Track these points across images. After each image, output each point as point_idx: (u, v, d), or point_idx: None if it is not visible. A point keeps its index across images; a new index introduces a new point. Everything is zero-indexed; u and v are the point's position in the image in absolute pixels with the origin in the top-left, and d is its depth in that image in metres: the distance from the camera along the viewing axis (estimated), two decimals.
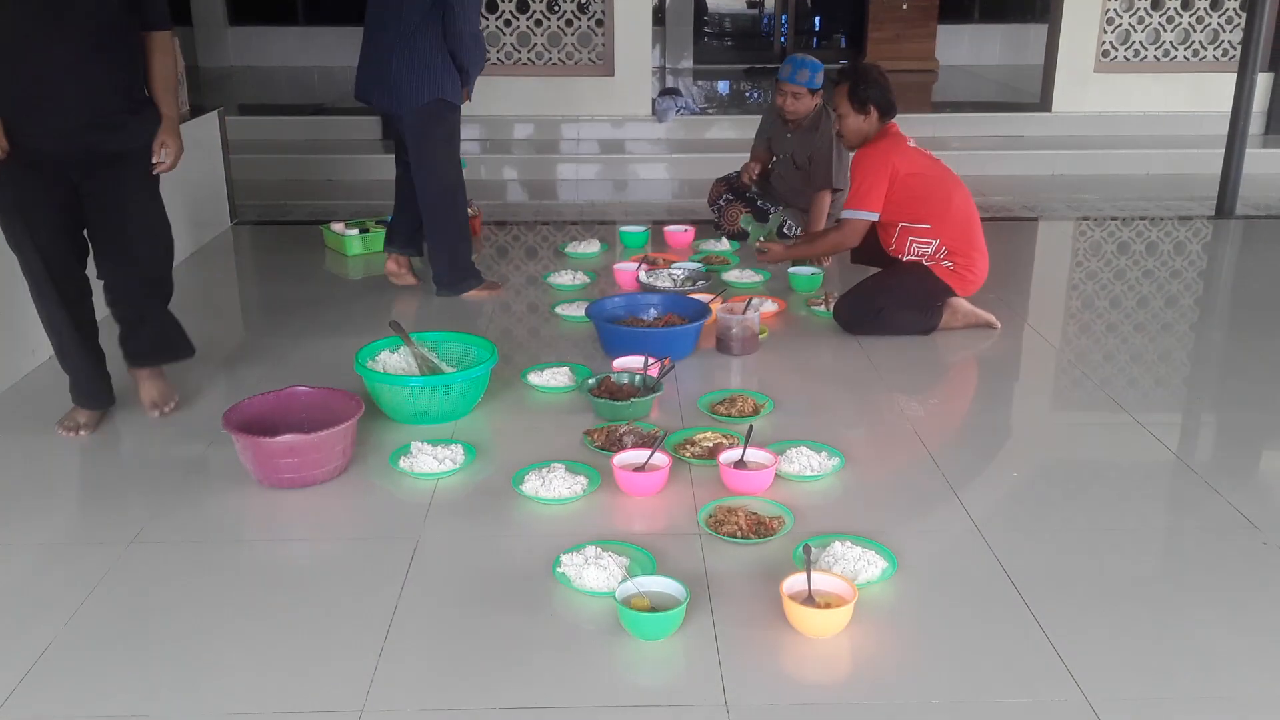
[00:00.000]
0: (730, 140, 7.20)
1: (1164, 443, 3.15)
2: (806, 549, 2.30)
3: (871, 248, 4.10)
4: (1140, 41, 8.15)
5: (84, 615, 2.26)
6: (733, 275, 4.55)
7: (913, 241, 3.97)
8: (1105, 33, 8.07)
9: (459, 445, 2.96)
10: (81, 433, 3.12)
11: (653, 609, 2.19)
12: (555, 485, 2.73)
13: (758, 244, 4.39)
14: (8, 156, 2.79)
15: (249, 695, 2.03)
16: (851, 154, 4.21)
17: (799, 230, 4.95)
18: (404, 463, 2.90)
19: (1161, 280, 4.95)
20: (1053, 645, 2.16)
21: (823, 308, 4.15)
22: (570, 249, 5.09)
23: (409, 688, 2.05)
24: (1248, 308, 4.66)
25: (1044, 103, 8.18)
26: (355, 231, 5.11)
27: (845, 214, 4.02)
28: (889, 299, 3.94)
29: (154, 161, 3.04)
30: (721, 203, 5.31)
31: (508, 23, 7.89)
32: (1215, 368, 3.96)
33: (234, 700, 2.01)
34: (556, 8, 7.91)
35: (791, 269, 4.47)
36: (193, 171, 5.24)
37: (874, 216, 3.95)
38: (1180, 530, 2.73)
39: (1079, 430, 3.35)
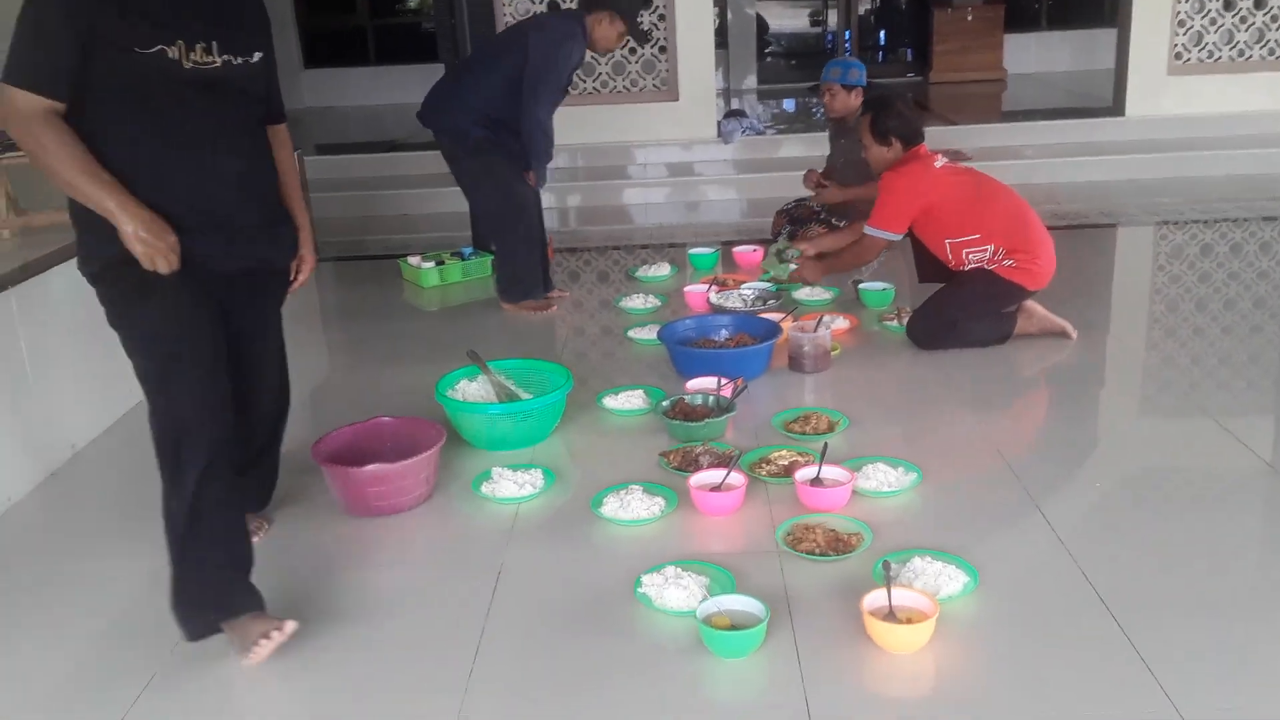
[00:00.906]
0: (797, 159, 7.19)
1: (1255, 450, 3.07)
2: (886, 564, 2.31)
3: (935, 265, 4.08)
4: (1214, 42, 7.98)
5: (185, 645, 2.35)
6: (803, 293, 4.56)
7: (968, 252, 3.96)
8: (1177, 35, 7.92)
9: (538, 470, 3.02)
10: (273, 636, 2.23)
11: (733, 627, 2.21)
12: (633, 506, 2.77)
13: (791, 259, 4.62)
14: (170, 278, 2.22)
15: (343, 717, 2.10)
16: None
17: None
18: (486, 488, 2.96)
19: (1248, 281, 4.83)
20: (1142, 659, 2.13)
21: (895, 322, 4.14)
22: (641, 273, 5.14)
23: (498, 709, 2.09)
24: None
25: (1117, 107, 8.05)
26: (431, 264, 5.23)
27: (867, 230, 4.07)
28: (961, 310, 3.92)
29: (291, 279, 2.58)
30: (783, 233, 5.38)
31: None
32: None
33: (309, 710, 2.09)
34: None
35: (862, 285, 4.47)
36: None
37: (895, 237, 4.04)
38: (1273, 540, 2.67)
39: (1165, 438, 3.28)
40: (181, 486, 2.22)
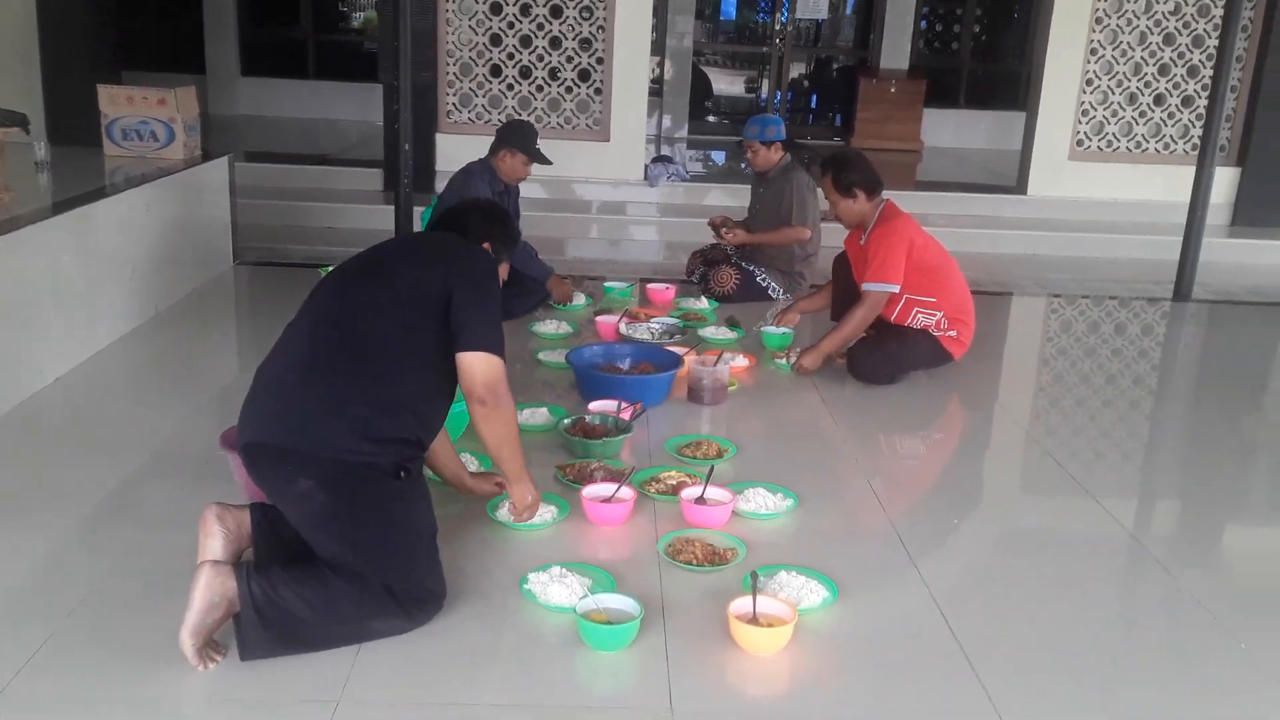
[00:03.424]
0: (719, 207, 7.46)
1: (1119, 520, 3.25)
2: (754, 575, 2.50)
3: (846, 303, 4.37)
4: (1114, 133, 8.52)
5: (98, 599, 2.44)
6: (709, 331, 4.79)
7: (917, 312, 4.26)
8: (1080, 123, 8.44)
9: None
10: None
11: (609, 623, 2.38)
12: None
13: (790, 362, 4.36)
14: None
15: (234, 684, 2.21)
16: (813, 196, 4.98)
17: (775, 287, 5.31)
18: None
19: (1130, 359, 5.20)
20: (975, 673, 2.35)
21: (784, 360, 4.38)
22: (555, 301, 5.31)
23: (382, 684, 2.23)
24: (1197, 384, 4.92)
25: (1020, 186, 8.52)
26: None
27: (868, 287, 4.23)
28: (903, 365, 4.30)
29: None
30: (695, 278, 5.73)
31: (510, 86, 8.23)
32: (1147, 442, 4.18)
33: (220, 687, 2.20)
34: (558, 75, 8.25)
35: (764, 328, 4.70)
36: (199, 212, 5.49)
37: (894, 288, 4.21)
38: (1116, 599, 2.89)
39: (1034, 499, 3.56)
40: (398, 617, 2.38)
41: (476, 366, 2.51)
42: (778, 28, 12.35)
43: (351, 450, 2.36)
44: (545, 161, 5.03)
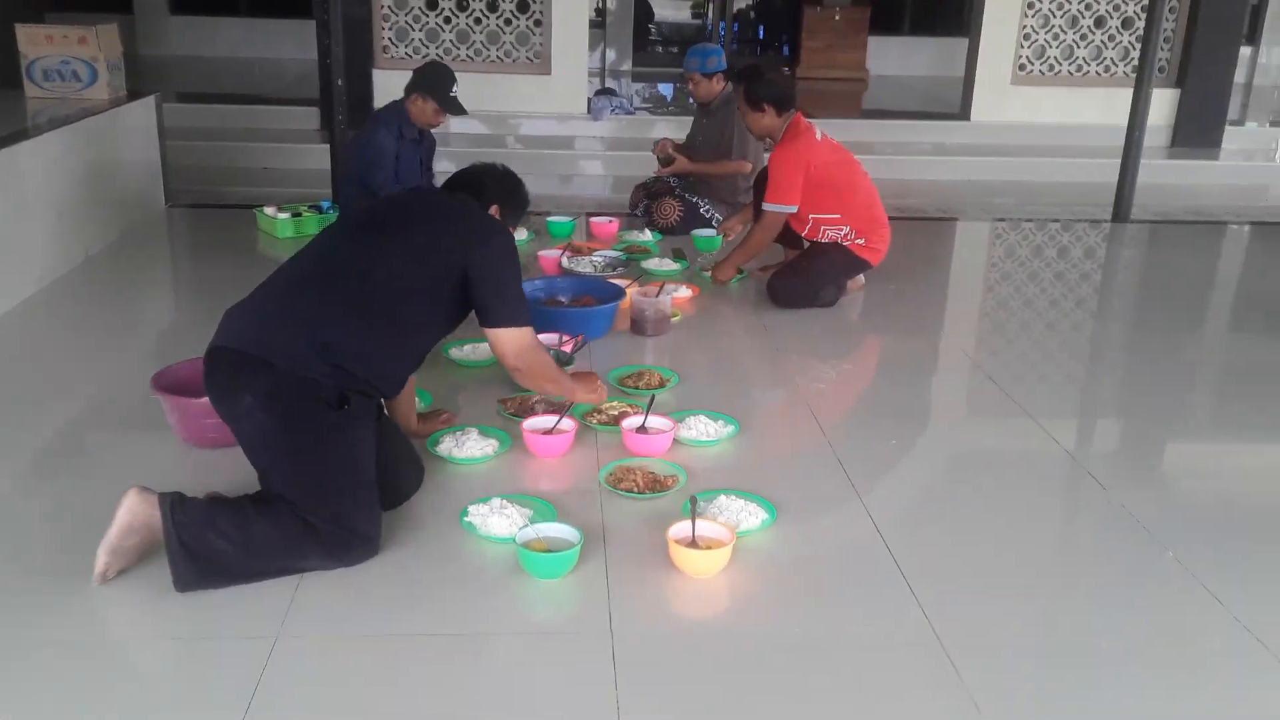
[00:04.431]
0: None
1: (1057, 439, 3.27)
2: (693, 499, 2.51)
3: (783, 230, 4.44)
4: (1055, 56, 8.53)
5: (32, 546, 2.40)
6: (652, 264, 4.77)
7: (825, 228, 4.34)
8: (1022, 47, 8.44)
9: None
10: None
11: (549, 552, 2.38)
12: (468, 446, 2.91)
13: (708, 272, 4.66)
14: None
15: (171, 619, 2.19)
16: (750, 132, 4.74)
17: (719, 218, 5.30)
18: None
19: (1072, 282, 5.25)
20: (912, 591, 2.38)
21: (708, 273, 4.63)
22: None
23: (321, 617, 2.21)
24: (1137, 305, 4.98)
25: (964, 113, 8.53)
26: (287, 215, 5.24)
27: (766, 207, 4.34)
28: (820, 280, 4.36)
29: None
30: (639, 211, 5.67)
31: (448, 20, 8.05)
32: (1089, 363, 4.25)
33: (156, 623, 2.18)
34: (496, 7, 8.08)
35: (694, 231, 4.99)
36: (127, 154, 5.35)
37: (792, 209, 4.31)
38: (1043, 509, 2.92)
39: (974, 421, 3.59)
40: (322, 557, 2.34)
41: (507, 342, 2.69)
42: None
43: (303, 365, 2.35)
44: (458, 112, 4.77)
